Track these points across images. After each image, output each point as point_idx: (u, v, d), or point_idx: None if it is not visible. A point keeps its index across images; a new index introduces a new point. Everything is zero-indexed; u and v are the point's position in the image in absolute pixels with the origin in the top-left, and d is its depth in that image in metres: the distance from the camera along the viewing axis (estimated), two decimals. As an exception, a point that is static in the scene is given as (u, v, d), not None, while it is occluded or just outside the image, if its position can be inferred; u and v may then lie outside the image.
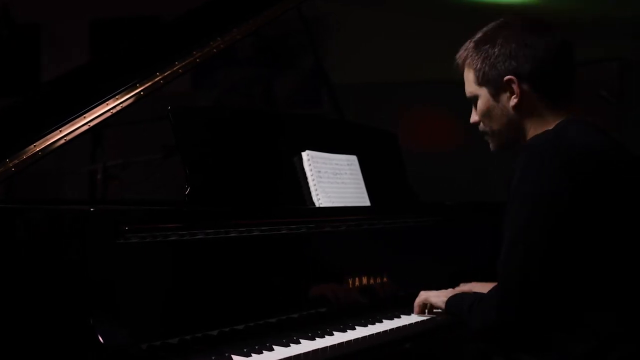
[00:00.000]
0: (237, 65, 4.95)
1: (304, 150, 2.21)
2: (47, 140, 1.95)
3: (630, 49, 4.48)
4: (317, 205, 2.17)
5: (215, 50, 2.29)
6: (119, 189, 3.68)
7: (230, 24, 2.35)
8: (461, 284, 2.23)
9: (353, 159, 2.39)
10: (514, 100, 1.71)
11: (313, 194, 2.18)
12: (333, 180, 2.26)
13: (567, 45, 1.73)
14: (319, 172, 2.22)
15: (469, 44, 1.78)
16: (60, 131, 1.97)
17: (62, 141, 1.97)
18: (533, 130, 1.71)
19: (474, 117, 1.82)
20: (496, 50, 1.71)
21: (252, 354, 1.63)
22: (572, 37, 1.76)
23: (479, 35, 1.77)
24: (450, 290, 2.09)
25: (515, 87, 1.70)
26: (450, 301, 1.93)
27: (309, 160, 2.21)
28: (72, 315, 1.46)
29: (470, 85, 1.79)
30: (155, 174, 3.71)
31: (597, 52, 4.51)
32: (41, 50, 5.11)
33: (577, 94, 1.75)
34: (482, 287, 2.16)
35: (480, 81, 1.75)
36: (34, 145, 1.93)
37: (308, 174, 2.20)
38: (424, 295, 2.06)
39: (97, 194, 3.70)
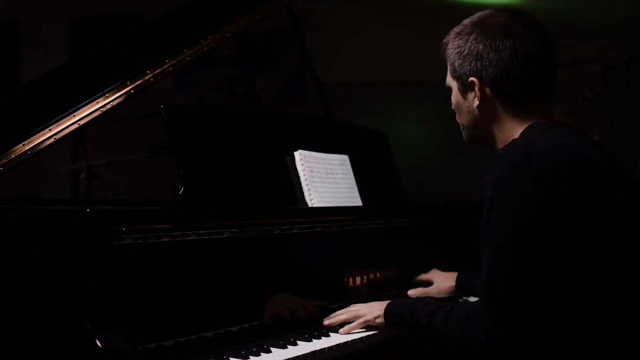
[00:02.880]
0: (219, 64, 4.91)
1: (296, 150, 2.19)
2: (36, 139, 1.90)
3: (612, 50, 4.52)
4: (309, 205, 2.15)
5: (206, 48, 2.26)
6: (103, 188, 3.63)
7: (221, 22, 2.33)
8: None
9: (345, 158, 2.37)
10: (476, 102, 1.69)
11: (306, 193, 2.16)
12: (325, 180, 2.25)
13: (545, 48, 1.66)
14: (312, 171, 2.20)
15: (451, 33, 1.74)
16: (50, 130, 1.92)
17: (52, 140, 1.92)
18: (499, 132, 1.69)
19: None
20: (468, 46, 1.67)
21: (250, 356, 1.61)
22: (556, 39, 1.72)
23: (461, 25, 1.73)
24: (375, 303, 1.91)
25: (477, 89, 1.67)
26: (391, 311, 1.81)
27: (301, 159, 2.19)
28: (69, 318, 1.43)
29: (448, 75, 1.77)
30: (139, 173, 3.67)
31: (580, 53, 4.55)
32: (20, 48, 5.02)
33: (554, 96, 1.69)
34: (442, 276, 2.21)
35: (452, 75, 1.74)
36: (23, 145, 1.89)
37: (301, 173, 2.18)
38: (354, 314, 1.88)
39: (80, 194, 3.64)
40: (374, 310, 1.86)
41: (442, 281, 2.24)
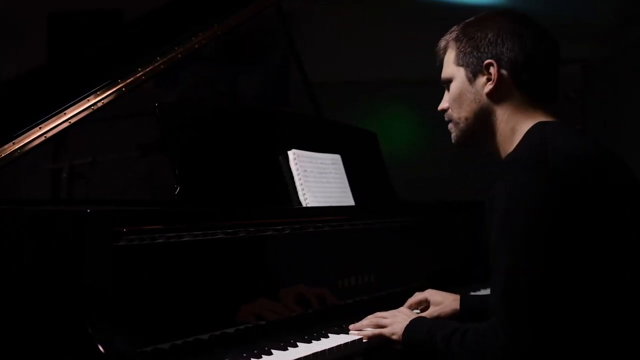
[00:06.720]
0: (201, 62, 4.85)
1: (289, 149, 2.17)
2: (26, 137, 1.86)
3: (592, 51, 4.57)
4: (304, 204, 2.13)
5: (197, 45, 2.25)
6: (86, 188, 3.57)
7: (212, 19, 2.31)
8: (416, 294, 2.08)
9: (337, 158, 2.36)
10: (489, 87, 1.62)
11: (300, 193, 2.14)
12: (319, 179, 2.23)
13: (555, 45, 1.67)
14: (305, 171, 2.19)
15: (459, 26, 1.70)
16: (40, 128, 1.88)
17: (42, 139, 1.88)
18: (503, 126, 1.63)
19: (444, 104, 1.73)
20: (484, 34, 1.64)
21: (251, 358, 1.59)
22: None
23: (470, 19, 1.70)
24: (404, 311, 1.93)
25: (494, 71, 1.61)
26: (410, 334, 1.74)
27: (295, 159, 2.17)
28: (69, 323, 1.39)
29: (448, 66, 1.70)
30: (119, 173, 3.61)
31: (562, 54, 4.58)
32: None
33: (559, 99, 1.67)
34: (439, 295, 2.03)
35: (460, 61, 1.67)
36: (13, 143, 1.84)
37: (294, 173, 2.16)
38: (376, 322, 1.85)
39: (62, 194, 3.58)
40: (394, 326, 1.79)
41: (441, 303, 2.02)
